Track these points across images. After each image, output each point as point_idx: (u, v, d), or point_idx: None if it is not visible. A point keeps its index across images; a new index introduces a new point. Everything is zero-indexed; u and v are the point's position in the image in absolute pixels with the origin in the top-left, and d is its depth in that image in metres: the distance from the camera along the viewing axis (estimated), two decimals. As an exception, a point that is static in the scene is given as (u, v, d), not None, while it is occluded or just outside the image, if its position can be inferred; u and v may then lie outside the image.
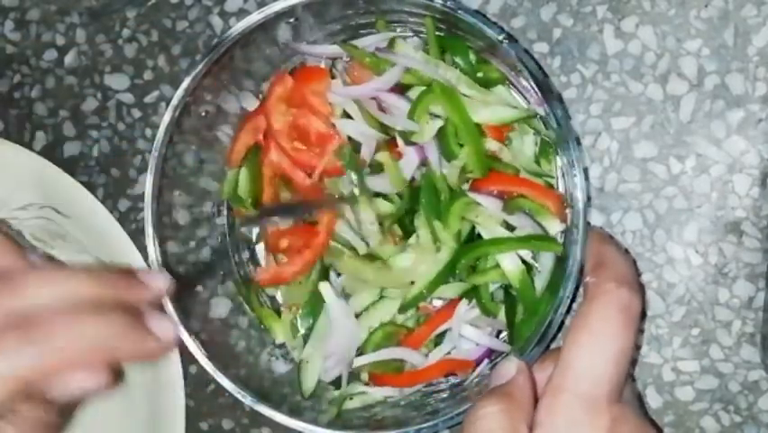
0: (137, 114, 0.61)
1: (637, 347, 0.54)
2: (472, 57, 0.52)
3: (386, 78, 0.52)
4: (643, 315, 0.54)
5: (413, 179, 0.52)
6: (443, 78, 0.51)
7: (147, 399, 0.58)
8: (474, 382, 0.52)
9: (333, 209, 0.53)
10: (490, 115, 0.51)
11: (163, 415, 0.57)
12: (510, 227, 0.51)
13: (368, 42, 0.53)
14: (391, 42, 0.52)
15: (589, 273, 0.44)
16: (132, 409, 0.58)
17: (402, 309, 0.53)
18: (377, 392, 0.54)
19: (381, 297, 0.54)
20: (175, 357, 0.56)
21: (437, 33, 0.52)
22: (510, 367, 0.43)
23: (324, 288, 0.53)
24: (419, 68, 0.51)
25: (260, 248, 0.57)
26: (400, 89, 0.53)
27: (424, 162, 0.52)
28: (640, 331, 0.44)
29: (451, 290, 0.52)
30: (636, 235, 0.55)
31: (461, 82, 0.51)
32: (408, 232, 0.52)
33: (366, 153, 0.52)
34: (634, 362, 0.47)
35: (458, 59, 0.52)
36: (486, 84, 0.52)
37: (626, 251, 0.54)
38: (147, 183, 0.51)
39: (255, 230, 0.57)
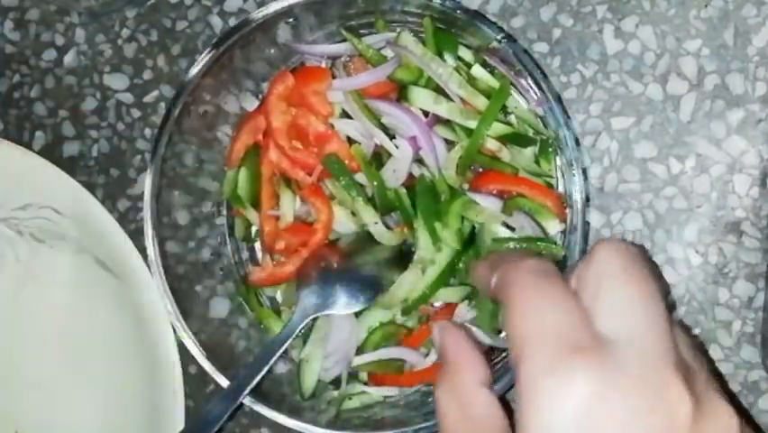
0: (136, 113, 0.61)
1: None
2: (469, 56, 0.53)
3: (382, 68, 0.52)
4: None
5: (411, 175, 0.52)
6: (435, 74, 0.51)
7: (147, 399, 0.58)
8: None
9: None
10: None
11: (163, 415, 0.57)
12: (511, 227, 0.51)
13: (368, 43, 0.53)
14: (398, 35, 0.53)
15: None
16: (132, 409, 0.58)
17: (405, 312, 0.53)
18: (376, 392, 0.54)
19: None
20: (175, 357, 0.56)
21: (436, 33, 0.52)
22: (434, 333, 0.39)
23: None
24: (413, 59, 0.51)
25: (259, 247, 0.57)
26: (396, 98, 0.53)
27: (421, 161, 0.52)
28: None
29: (453, 294, 0.53)
30: (636, 235, 0.55)
31: (452, 79, 0.51)
32: (411, 222, 0.52)
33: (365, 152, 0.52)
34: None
35: (447, 56, 0.52)
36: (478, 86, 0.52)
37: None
38: (146, 183, 0.51)
39: (255, 229, 0.57)
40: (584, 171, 0.48)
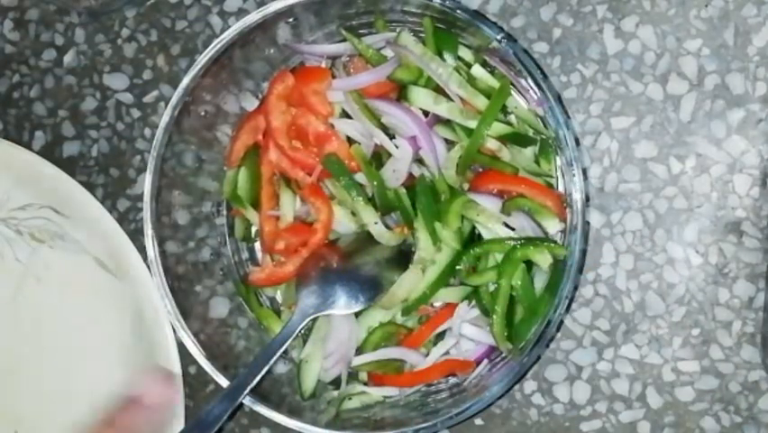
0: (136, 113, 0.61)
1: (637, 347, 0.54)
2: (469, 56, 0.53)
3: (382, 68, 0.52)
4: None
5: (411, 175, 0.52)
6: (435, 74, 0.51)
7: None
8: (474, 382, 0.52)
9: None
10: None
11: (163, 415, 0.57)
12: (511, 227, 0.51)
13: (367, 42, 0.53)
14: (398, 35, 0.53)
15: None
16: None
17: (405, 312, 0.53)
18: (376, 392, 0.54)
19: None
20: (175, 357, 0.56)
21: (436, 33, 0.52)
22: None
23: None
24: (413, 59, 0.51)
25: (259, 247, 0.57)
26: (396, 98, 0.53)
27: (421, 161, 0.52)
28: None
29: (453, 294, 0.53)
30: (636, 235, 0.55)
31: (452, 79, 0.51)
32: (411, 222, 0.52)
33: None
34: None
35: (447, 56, 0.52)
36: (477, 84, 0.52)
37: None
38: (146, 183, 0.51)
39: (255, 229, 0.57)
40: (584, 171, 0.48)
